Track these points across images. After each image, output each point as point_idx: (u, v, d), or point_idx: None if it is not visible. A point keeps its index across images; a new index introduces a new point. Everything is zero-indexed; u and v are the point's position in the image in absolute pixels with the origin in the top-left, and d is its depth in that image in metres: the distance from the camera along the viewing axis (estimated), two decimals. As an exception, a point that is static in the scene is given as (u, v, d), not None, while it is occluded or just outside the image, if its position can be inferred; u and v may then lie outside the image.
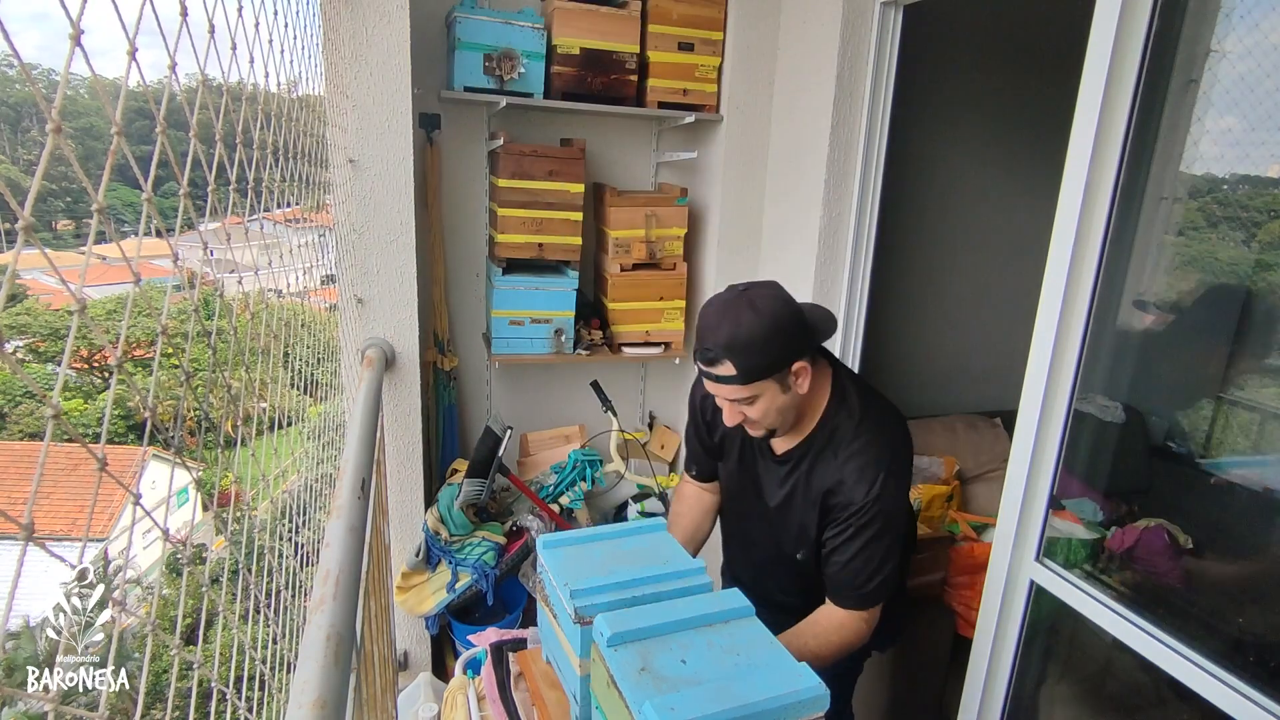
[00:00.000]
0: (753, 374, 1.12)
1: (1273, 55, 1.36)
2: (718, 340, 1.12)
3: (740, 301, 1.13)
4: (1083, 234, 1.30)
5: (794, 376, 1.16)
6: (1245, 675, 1.11)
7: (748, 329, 1.10)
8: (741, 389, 1.14)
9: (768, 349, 1.11)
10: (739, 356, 1.11)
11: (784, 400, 1.17)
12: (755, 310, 1.11)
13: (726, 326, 1.12)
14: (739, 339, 1.10)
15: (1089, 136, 1.26)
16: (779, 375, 1.14)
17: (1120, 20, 1.21)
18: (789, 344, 1.13)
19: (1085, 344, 1.34)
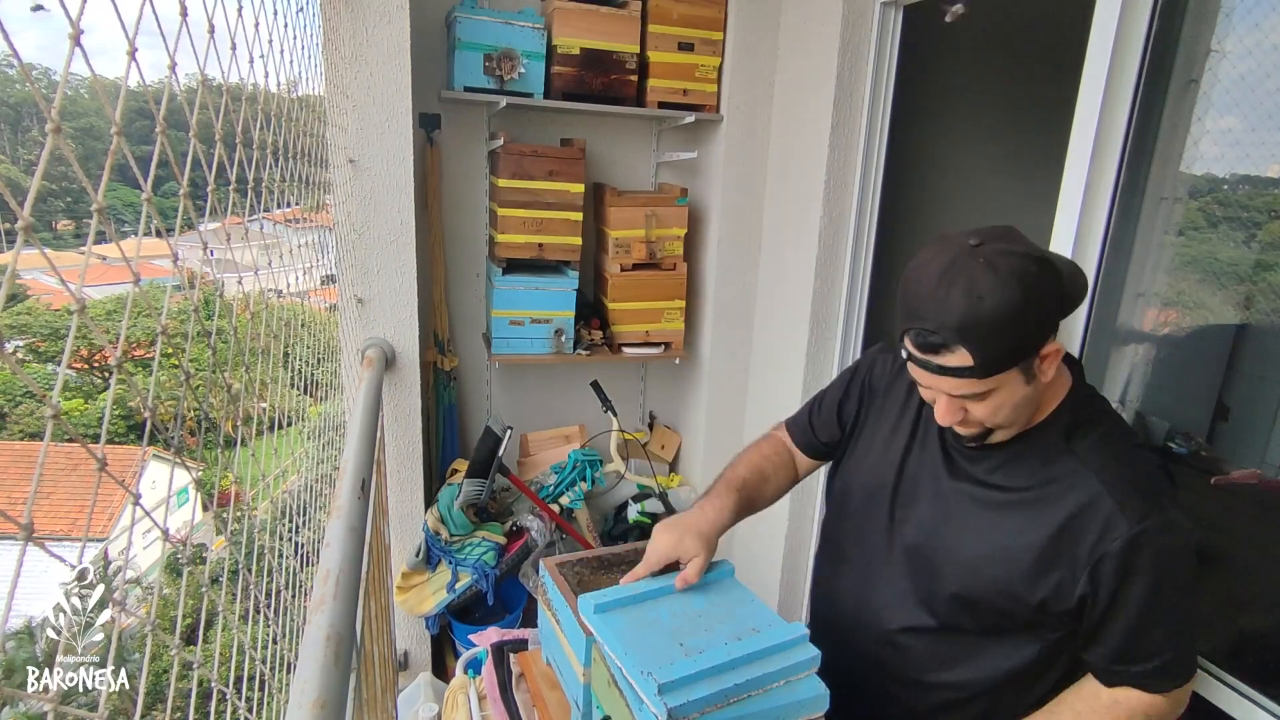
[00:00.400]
0: (996, 364, 0.81)
1: (1273, 55, 1.36)
2: (947, 318, 0.80)
3: (974, 262, 0.80)
4: (1083, 234, 1.30)
5: (1041, 361, 0.84)
6: (1245, 675, 1.11)
7: (993, 304, 0.78)
8: (977, 384, 0.83)
9: (1017, 329, 0.80)
10: (980, 342, 0.80)
11: (1025, 393, 0.86)
12: (998, 275, 0.79)
13: (958, 298, 0.79)
14: (980, 317, 0.79)
15: (1089, 136, 1.26)
16: (1026, 362, 0.83)
17: (1120, 20, 1.21)
18: (1043, 319, 0.82)
19: (1085, 344, 1.34)
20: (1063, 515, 0.87)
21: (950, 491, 0.97)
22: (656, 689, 0.77)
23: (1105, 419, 0.93)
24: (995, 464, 0.94)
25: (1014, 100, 2.79)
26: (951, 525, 0.96)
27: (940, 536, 0.97)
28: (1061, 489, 0.88)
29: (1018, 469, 0.92)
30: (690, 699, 0.77)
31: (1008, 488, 0.92)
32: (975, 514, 0.94)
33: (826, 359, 2.16)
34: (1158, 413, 1.77)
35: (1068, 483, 0.88)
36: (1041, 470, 0.91)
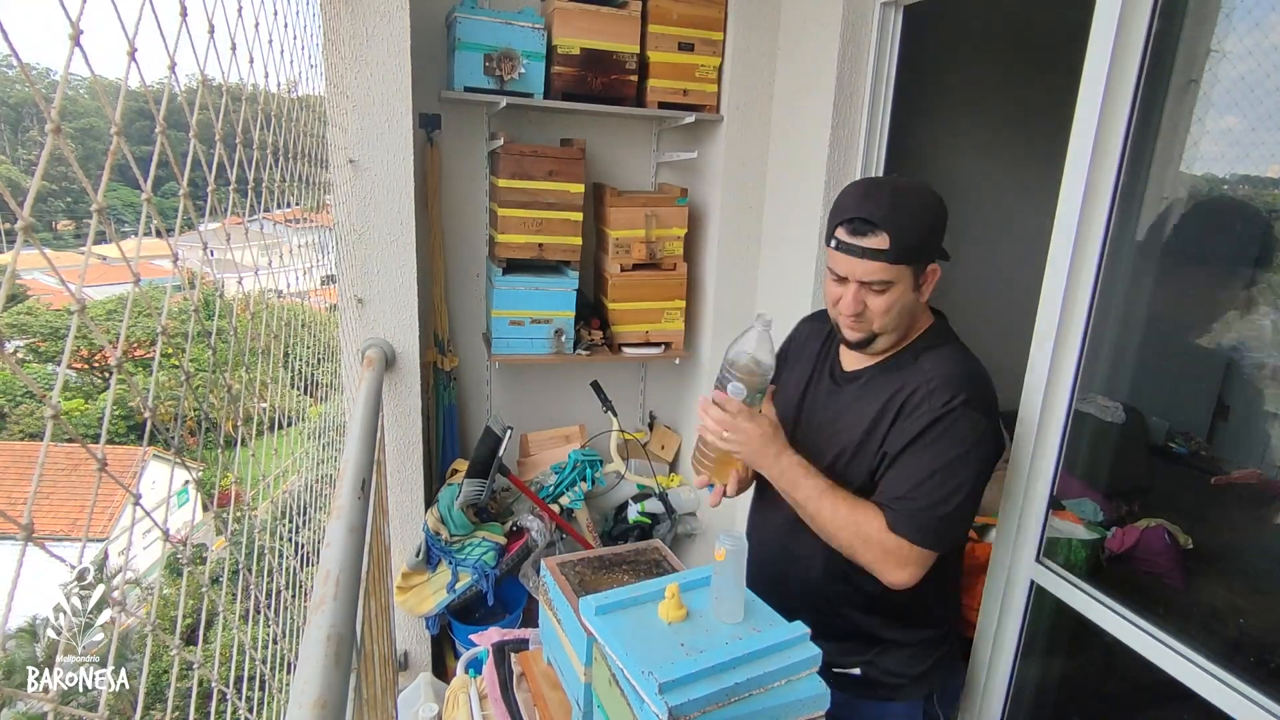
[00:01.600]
0: (905, 254, 1.03)
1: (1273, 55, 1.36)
2: (879, 208, 1.02)
3: (904, 182, 1.06)
4: (1083, 234, 1.30)
5: (925, 278, 1.08)
6: (1245, 675, 1.11)
7: (916, 203, 1.03)
8: (888, 268, 1.03)
9: (926, 226, 1.04)
10: (900, 229, 1.01)
11: (909, 299, 1.08)
12: (914, 187, 1.05)
13: (888, 195, 1.03)
14: (906, 210, 1.02)
15: (1089, 136, 1.26)
16: (919, 267, 1.06)
17: (1120, 20, 1.21)
18: (937, 233, 1.06)
19: (1085, 344, 1.34)
20: (889, 394, 1.12)
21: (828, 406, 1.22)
22: (657, 688, 0.77)
23: (949, 344, 1.15)
24: (866, 379, 1.18)
25: (1014, 100, 2.79)
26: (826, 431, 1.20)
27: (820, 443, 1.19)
28: (898, 379, 1.12)
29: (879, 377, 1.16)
30: (691, 698, 0.77)
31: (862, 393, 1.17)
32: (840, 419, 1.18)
33: (826, 359, 2.16)
34: (1158, 413, 1.77)
35: (904, 378, 1.12)
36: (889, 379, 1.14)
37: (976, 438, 1.05)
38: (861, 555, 1.07)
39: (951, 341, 1.17)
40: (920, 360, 1.13)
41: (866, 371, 1.18)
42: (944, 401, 1.05)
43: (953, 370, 1.09)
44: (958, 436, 1.05)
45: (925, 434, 1.06)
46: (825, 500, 1.09)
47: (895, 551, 1.05)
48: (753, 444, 1.10)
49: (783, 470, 1.11)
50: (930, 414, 1.06)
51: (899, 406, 1.10)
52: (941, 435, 1.05)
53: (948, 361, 1.11)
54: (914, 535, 1.04)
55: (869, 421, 1.13)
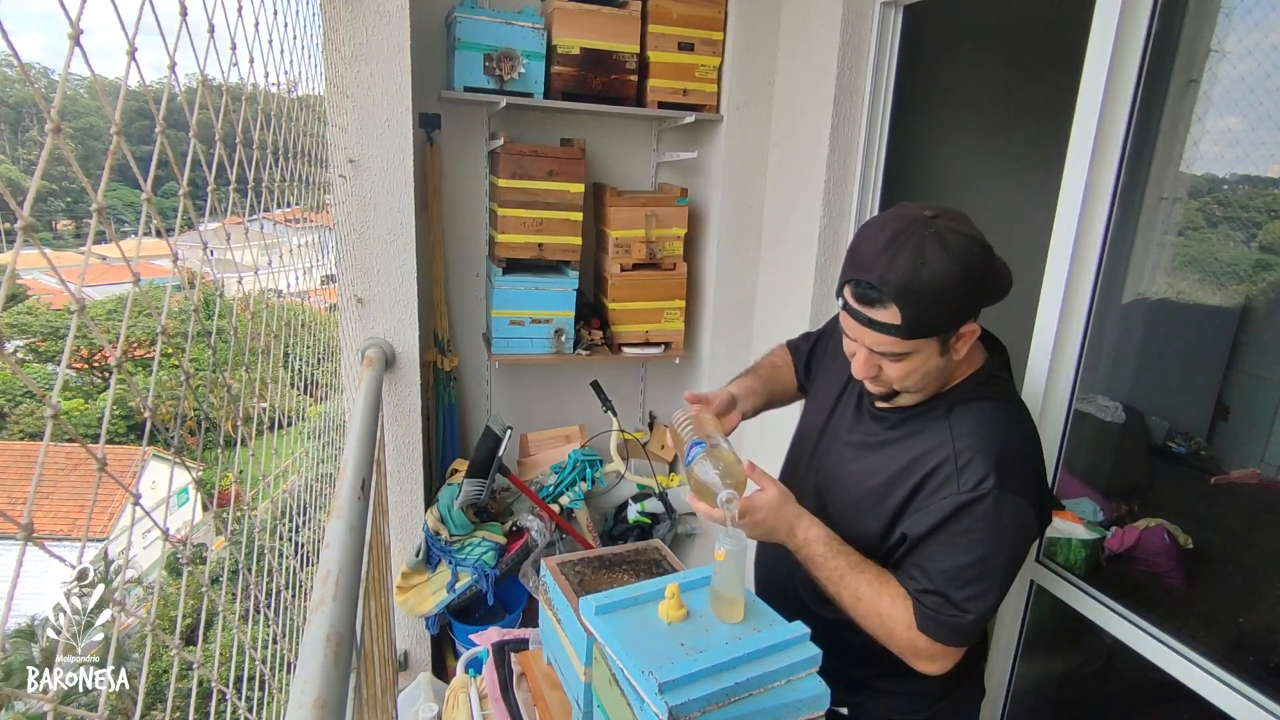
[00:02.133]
0: (920, 329, 0.88)
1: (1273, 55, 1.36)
2: (890, 277, 0.85)
3: (928, 232, 0.86)
4: (1083, 234, 1.30)
5: (959, 339, 0.92)
6: (1245, 675, 1.11)
7: (933, 272, 0.84)
8: (898, 343, 0.90)
9: (948, 301, 0.86)
10: (912, 305, 0.86)
11: (936, 364, 0.93)
12: (946, 249, 0.85)
13: (905, 261, 0.85)
14: (919, 282, 0.85)
15: (1089, 136, 1.26)
16: (945, 335, 0.90)
17: (1120, 20, 1.21)
18: (971, 299, 0.89)
19: (1085, 344, 1.34)
20: (911, 456, 0.98)
21: (849, 442, 1.09)
22: (657, 688, 0.77)
23: (994, 399, 0.99)
24: (890, 424, 1.04)
25: (1014, 100, 2.79)
26: (841, 470, 1.09)
27: (835, 479, 1.09)
28: (923, 441, 0.98)
29: (904, 429, 1.02)
30: (691, 698, 0.77)
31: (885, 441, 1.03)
32: (856, 461, 1.07)
33: (826, 359, 2.16)
34: (1158, 413, 1.77)
35: (930, 440, 0.97)
36: (919, 431, 0.99)
37: (1014, 528, 0.91)
38: (888, 645, 0.98)
39: (994, 396, 0.99)
40: (952, 419, 0.96)
41: (893, 415, 1.03)
42: (974, 483, 0.90)
43: (987, 442, 0.93)
44: (990, 527, 0.90)
45: (952, 522, 0.92)
46: (847, 586, 0.98)
47: (926, 650, 0.95)
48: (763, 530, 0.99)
49: (798, 547, 1.00)
50: (957, 498, 0.91)
51: (921, 478, 0.96)
52: (972, 526, 0.91)
53: (983, 427, 0.94)
54: (943, 637, 0.93)
55: (884, 481, 1.00)
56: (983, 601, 0.92)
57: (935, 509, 0.93)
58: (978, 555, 0.91)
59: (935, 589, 0.93)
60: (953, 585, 0.92)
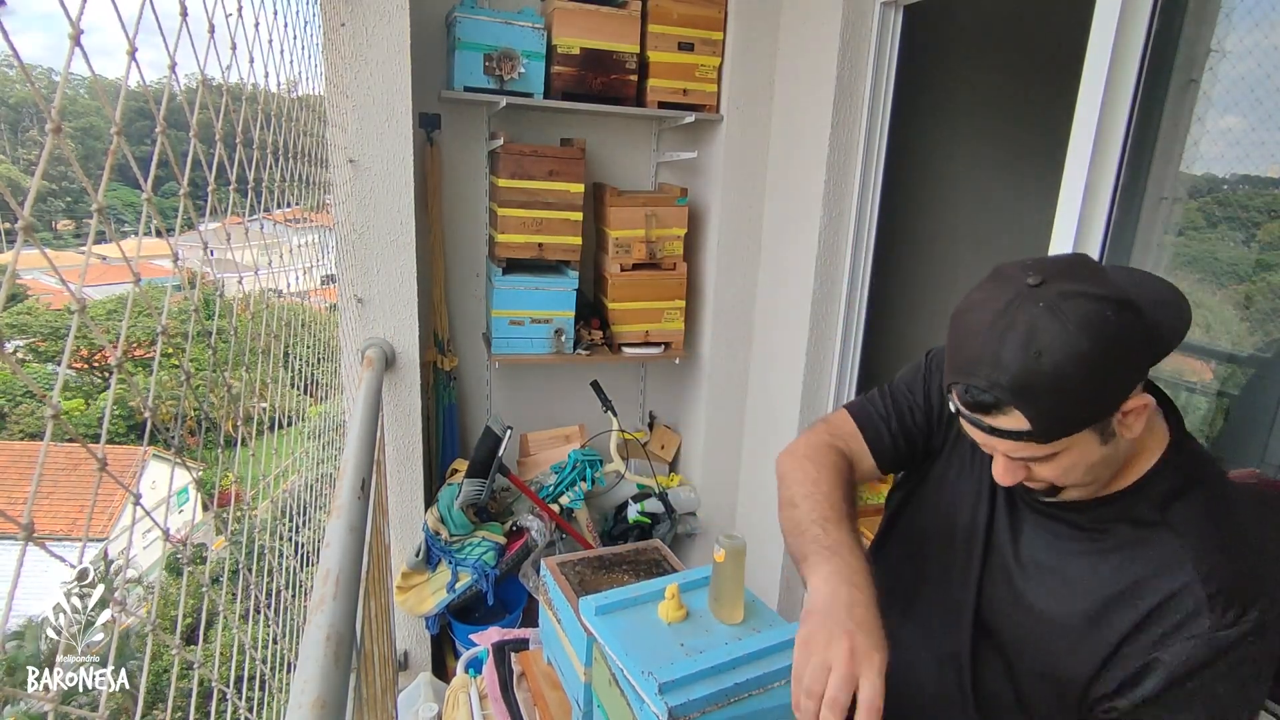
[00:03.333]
0: (1060, 427, 0.68)
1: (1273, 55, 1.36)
2: (999, 376, 0.67)
3: (1033, 307, 0.66)
4: (1083, 234, 1.30)
5: (1122, 418, 0.70)
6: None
7: (1055, 360, 0.65)
8: (1038, 447, 0.70)
9: (1087, 389, 0.66)
10: (1039, 404, 0.67)
11: (1101, 454, 0.72)
12: (1062, 323, 0.65)
13: (1013, 352, 0.66)
14: (1039, 376, 0.65)
15: (1089, 136, 1.26)
16: (1102, 423, 0.69)
17: (1120, 20, 1.21)
18: (1122, 373, 0.67)
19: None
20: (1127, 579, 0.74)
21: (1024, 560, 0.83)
22: (657, 688, 0.77)
23: (1208, 483, 0.76)
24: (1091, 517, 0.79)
25: (1014, 100, 2.79)
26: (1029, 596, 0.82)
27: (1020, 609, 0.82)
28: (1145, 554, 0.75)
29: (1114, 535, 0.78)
30: (691, 698, 0.77)
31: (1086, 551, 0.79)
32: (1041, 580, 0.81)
33: (826, 359, 2.16)
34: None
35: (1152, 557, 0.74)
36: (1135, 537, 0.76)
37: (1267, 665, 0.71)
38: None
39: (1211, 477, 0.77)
40: (1172, 516, 0.74)
41: (1080, 513, 0.79)
42: (1231, 621, 0.69)
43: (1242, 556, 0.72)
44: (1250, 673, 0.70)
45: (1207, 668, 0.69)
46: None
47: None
48: None
49: None
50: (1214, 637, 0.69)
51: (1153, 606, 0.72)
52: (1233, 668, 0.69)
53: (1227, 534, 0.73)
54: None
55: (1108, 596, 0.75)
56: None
57: (1180, 650, 0.70)
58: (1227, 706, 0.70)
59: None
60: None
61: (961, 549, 0.88)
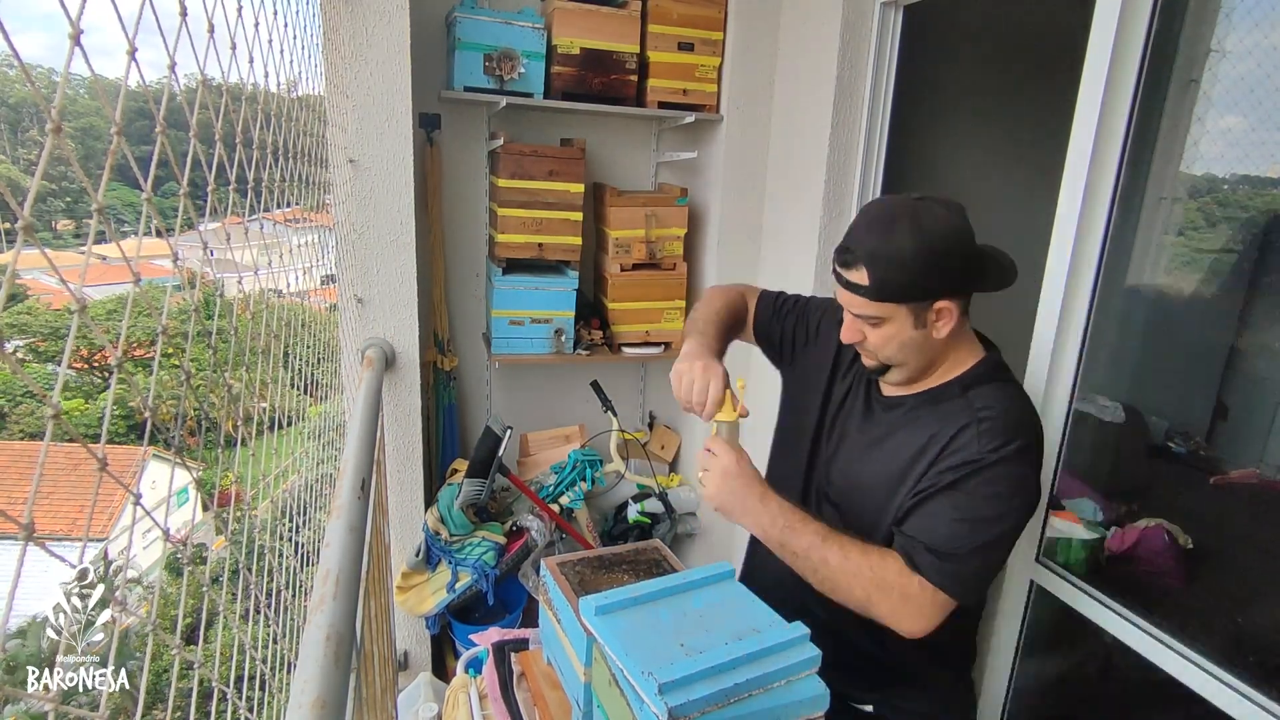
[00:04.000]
0: (886, 291, 0.95)
1: (1273, 55, 1.36)
2: (862, 243, 0.96)
3: (904, 210, 0.95)
4: (1083, 234, 1.30)
5: (934, 314, 0.98)
6: (1245, 675, 1.11)
7: (900, 242, 0.93)
8: (869, 304, 0.98)
9: (914, 270, 0.94)
10: (878, 266, 0.95)
11: (912, 336, 0.99)
12: (917, 225, 0.94)
13: (877, 232, 0.95)
14: (885, 249, 0.94)
15: (1089, 136, 1.26)
16: (916, 305, 0.97)
17: (1120, 20, 1.21)
18: (941, 273, 0.95)
19: (1085, 344, 1.34)
20: (933, 429, 1.01)
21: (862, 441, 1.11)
22: (657, 689, 0.77)
23: (1010, 382, 1.05)
24: (906, 409, 1.07)
25: (1014, 100, 2.79)
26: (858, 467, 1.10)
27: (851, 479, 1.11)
28: (943, 415, 1.01)
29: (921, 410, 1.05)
30: (691, 698, 0.77)
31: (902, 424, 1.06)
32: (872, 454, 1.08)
33: (826, 359, 2.16)
34: (1158, 413, 1.77)
35: (948, 414, 1.01)
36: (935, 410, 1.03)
37: (1023, 493, 0.96)
38: (878, 605, 0.97)
39: (1008, 380, 1.05)
40: (970, 395, 1.02)
41: (908, 400, 1.08)
42: (995, 446, 0.95)
43: (1009, 412, 0.98)
44: (1002, 488, 0.95)
45: (968, 479, 0.96)
46: (832, 547, 0.97)
47: (916, 597, 0.95)
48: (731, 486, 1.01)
49: (774, 516, 1.00)
50: (976, 456, 0.95)
51: (941, 447, 0.99)
52: (985, 484, 0.95)
53: (1003, 400, 1.00)
54: (937, 579, 0.94)
55: (909, 457, 1.02)
56: (982, 556, 0.95)
57: (950, 465, 0.97)
58: (984, 513, 0.94)
59: (934, 537, 0.96)
60: (955, 536, 0.94)
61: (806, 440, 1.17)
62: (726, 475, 1.02)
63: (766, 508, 1.01)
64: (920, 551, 0.96)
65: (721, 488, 1.02)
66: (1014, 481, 0.95)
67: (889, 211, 0.96)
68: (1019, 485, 0.96)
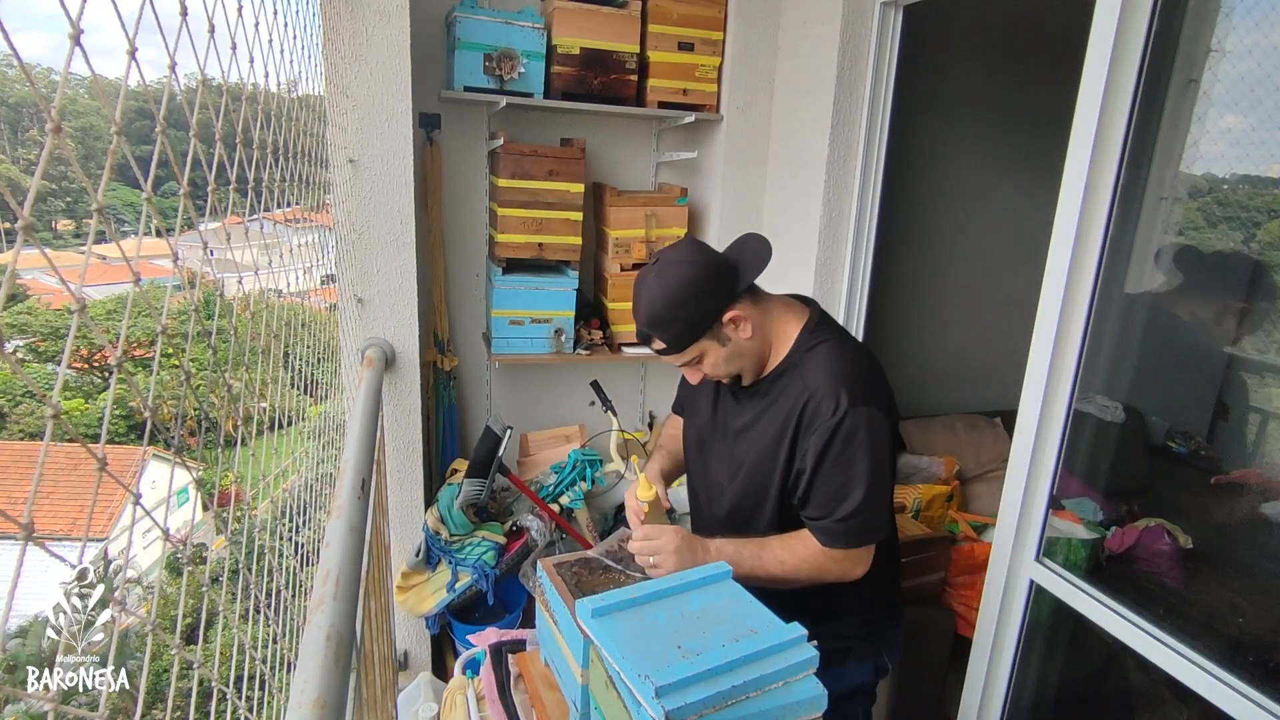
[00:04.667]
0: (682, 340, 1.13)
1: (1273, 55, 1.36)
2: (640, 318, 1.14)
3: (649, 274, 1.13)
4: (1083, 234, 1.30)
5: (730, 326, 1.14)
6: (1245, 675, 1.11)
7: (659, 301, 1.11)
8: (680, 356, 1.16)
9: (684, 314, 1.11)
10: (660, 329, 1.12)
11: (728, 350, 1.16)
12: (662, 280, 1.11)
13: (643, 303, 1.13)
14: (654, 313, 1.11)
15: (1089, 136, 1.26)
16: (711, 332, 1.13)
17: (1120, 20, 1.21)
18: (707, 301, 1.11)
19: (1085, 344, 1.34)
20: (783, 414, 1.16)
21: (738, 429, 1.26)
22: (654, 691, 0.77)
23: (826, 340, 1.18)
24: (763, 393, 1.22)
25: (1014, 100, 2.79)
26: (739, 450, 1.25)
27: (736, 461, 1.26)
28: (793, 390, 1.16)
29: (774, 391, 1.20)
30: (688, 701, 0.77)
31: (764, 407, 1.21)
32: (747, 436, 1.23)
33: (826, 359, 2.16)
34: (1158, 412, 1.77)
35: (793, 392, 1.16)
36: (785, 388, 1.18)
37: (869, 432, 1.10)
38: (825, 579, 1.16)
39: (826, 339, 1.18)
40: (802, 367, 1.17)
41: (762, 384, 1.22)
42: (831, 410, 1.10)
43: (829, 372, 1.13)
44: (854, 440, 1.10)
45: (828, 449, 1.11)
46: (768, 558, 1.14)
47: (843, 561, 1.14)
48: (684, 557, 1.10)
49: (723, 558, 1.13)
50: (825, 426, 1.10)
51: (797, 419, 1.14)
52: (843, 446, 1.10)
53: (824, 364, 1.15)
54: (853, 540, 1.13)
55: (774, 435, 1.18)
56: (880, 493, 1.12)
57: (813, 443, 1.12)
58: (853, 470, 1.10)
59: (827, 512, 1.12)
60: (839, 503, 1.11)
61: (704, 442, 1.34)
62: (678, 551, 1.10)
63: (711, 555, 1.13)
64: (828, 527, 1.12)
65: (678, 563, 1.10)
66: (858, 426, 1.09)
67: (641, 283, 1.14)
68: (868, 426, 1.10)
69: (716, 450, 1.33)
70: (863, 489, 1.10)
